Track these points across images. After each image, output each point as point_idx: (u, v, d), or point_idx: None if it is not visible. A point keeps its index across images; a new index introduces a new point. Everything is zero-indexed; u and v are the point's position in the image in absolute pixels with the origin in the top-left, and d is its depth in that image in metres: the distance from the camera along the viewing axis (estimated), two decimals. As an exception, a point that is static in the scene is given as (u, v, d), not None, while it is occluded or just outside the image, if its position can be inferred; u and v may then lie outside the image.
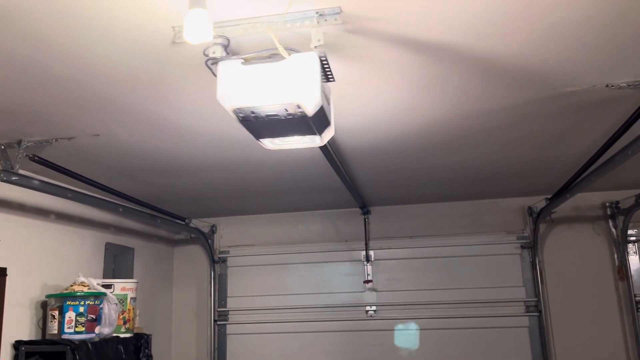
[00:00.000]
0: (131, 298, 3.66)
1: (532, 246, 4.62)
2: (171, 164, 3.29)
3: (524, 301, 4.59)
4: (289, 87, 1.59)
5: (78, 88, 2.13)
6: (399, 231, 4.88)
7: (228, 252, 5.15)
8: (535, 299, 4.55)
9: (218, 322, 4.99)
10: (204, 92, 2.19)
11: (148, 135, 2.72)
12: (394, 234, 4.88)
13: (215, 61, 1.69)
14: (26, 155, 2.71)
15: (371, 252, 4.83)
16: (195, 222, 4.97)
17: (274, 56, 1.69)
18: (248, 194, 4.32)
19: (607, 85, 2.30)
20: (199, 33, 1.44)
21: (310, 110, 1.65)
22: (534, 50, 1.96)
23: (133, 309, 3.67)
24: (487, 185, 4.34)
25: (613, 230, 4.56)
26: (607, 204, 4.58)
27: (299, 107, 1.63)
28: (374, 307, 4.77)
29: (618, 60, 2.09)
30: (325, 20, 1.64)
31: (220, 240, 5.21)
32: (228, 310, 5.01)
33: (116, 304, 3.44)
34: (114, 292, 3.53)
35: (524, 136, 3.01)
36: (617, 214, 4.52)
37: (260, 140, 1.91)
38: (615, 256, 4.53)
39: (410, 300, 4.70)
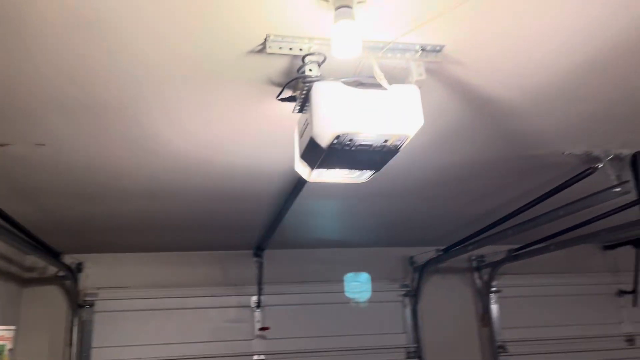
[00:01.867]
0: (9, 350, 2.95)
1: (414, 294, 4.92)
2: (92, 188, 2.82)
3: (405, 347, 4.82)
4: (398, 118, 1.52)
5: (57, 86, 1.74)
6: (290, 276, 4.79)
7: (96, 294, 4.47)
8: (416, 345, 4.82)
9: (79, 378, 4.25)
10: (226, 113, 1.97)
11: (100, 152, 2.31)
12: (285, 278, 4.77)
13: (310, 80, 1.54)
14: None
15: (262, 298, 4.64)
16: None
17: (364, 83, 1.61)
18: (125, 227, 3.80)
19: (563, 153, 2.65)
20: (348, 47, 1.32)
21: (406, 143, 1.59)
22: (540, 112, 2.18)
23: (9, 363, 2.96)
24: (379, 234, 4.55)
25: (478, 281, 5.11)
26: (473, 257, 5.13)
27: (399, 139, 1.56)
28: (262, 357, 4.54)
29: (586, 132, 2.43)
30: (426, 56, 1.63)
31: (87, 281, 4.52)
32: (93, 364, 4.31)
33: (-7, 358, 2.75)
34: (-11, 343, 2.82)
35: (459, 192, 3.27)
36: (482, 266, 5.09)
37: (314, 170, 1.77)
38: (479, 305, 5.06)
39: (300, 348, 4.59)
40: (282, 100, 1.79)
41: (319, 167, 1.74)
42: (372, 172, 1.82)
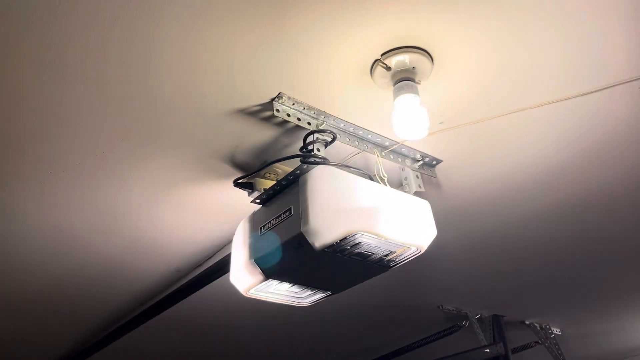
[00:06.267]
0: None
1: None
2: None
3: None
4: (416, 227, 1.24)
5: None
6: None
7: None
8: None
9: None
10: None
11: None
12: None
13: (314, 162, 1.19)
14: None
15: None
16: None
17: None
18: None
19: (438, 307, 2.60)
20: (414, 127, 1.05)
21: (407, 261, 1.30)
22: (442, 264, 2.13)
23: None
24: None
25: None
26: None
27: (404, 253, 1.26)
28: None
29: (462, 290, 2.46)
30: (424, 167, 1.44)
31: None
32: None
33: None
34: None
35: (327, 333, 2.96)
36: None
37: (267, 280, 1.32)
38: None
39: None
40: (238, 186, 1.38)
41: (278, 277, 1.31)
42: (327, 294, 1.44)
